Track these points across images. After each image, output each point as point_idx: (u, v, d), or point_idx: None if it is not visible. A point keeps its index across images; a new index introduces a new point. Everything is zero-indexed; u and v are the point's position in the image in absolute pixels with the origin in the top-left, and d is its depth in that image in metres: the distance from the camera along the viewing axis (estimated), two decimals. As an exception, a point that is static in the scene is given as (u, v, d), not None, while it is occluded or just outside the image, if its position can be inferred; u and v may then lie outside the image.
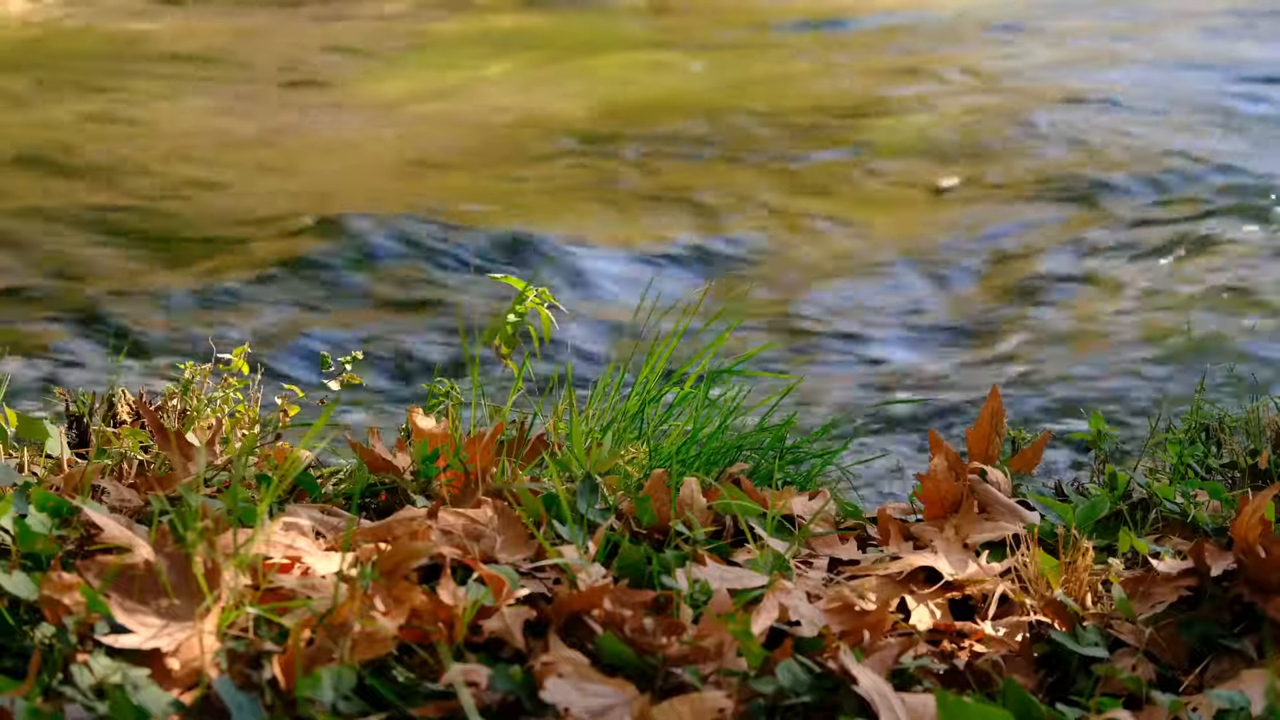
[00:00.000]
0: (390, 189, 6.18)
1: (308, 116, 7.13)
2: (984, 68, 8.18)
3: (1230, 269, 5.58)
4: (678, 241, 5.66)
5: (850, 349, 4.83)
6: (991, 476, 2.52)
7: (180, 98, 7.36)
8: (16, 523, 2.07)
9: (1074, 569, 2.18)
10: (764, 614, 2.06)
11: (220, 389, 2.69)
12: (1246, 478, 2.82)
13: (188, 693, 1.80)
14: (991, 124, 7.04)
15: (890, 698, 1.86)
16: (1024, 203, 6.15)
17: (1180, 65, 8.31)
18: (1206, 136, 7.05)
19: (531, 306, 2.77)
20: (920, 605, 2.21)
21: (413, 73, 7.72)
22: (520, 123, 6.93)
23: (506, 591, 2.01)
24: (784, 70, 8.10)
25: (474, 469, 2.44)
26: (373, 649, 1.83)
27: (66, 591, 1.84)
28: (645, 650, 1.93)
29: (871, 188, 6.34)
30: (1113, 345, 4.91)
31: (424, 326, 4.93)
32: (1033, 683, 2.06)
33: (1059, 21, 9.51)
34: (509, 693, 1.84)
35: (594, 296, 5.23)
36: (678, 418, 2.87)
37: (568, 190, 6.15)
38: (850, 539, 2.45)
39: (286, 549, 2.09)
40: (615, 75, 7.63)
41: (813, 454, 2.92)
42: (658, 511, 2.36)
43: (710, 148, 6.60)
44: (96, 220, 5.71)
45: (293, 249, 5.47)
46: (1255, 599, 2.11)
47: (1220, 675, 2.06)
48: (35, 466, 2.53)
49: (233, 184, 6.16)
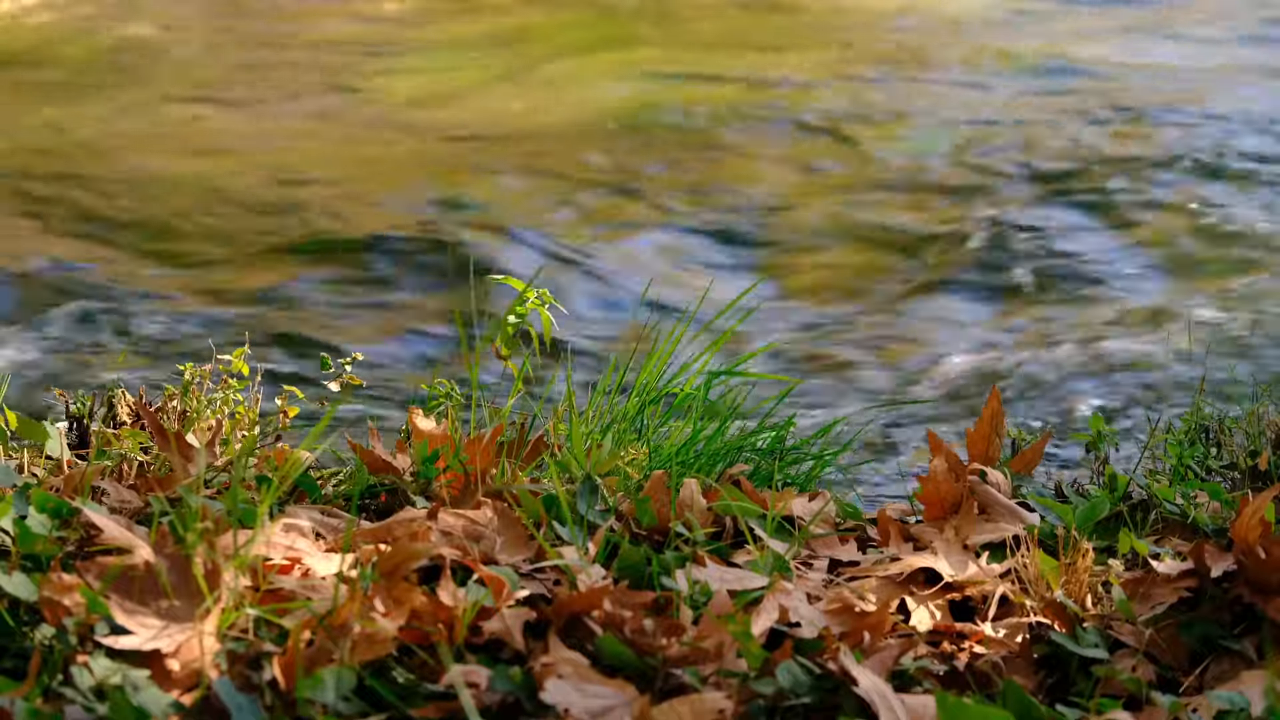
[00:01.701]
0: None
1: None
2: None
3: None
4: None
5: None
6: (991, 478, 2.52)
7: (180, 99, 7.36)
8: (16, 524, 2.07)
9: (1074, 570, 2.18)
10: (764, 615, 2.06)
11: (220, 390, 2.69)
12: (1246, 479, 2.82)
13: (188, 694, 1.80)
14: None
15: (890, 699, 1.86)
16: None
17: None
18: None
19: (532, 308, 2.77)
20: (920, 606, 2.21)
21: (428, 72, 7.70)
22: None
23: (506, 592, 2.01)
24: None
25: (474, 470, 2.44)
26: (373, 650, 1.84)
27: (66, 593, 1.84)
28: (645, 651, 1.93)
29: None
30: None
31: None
32: (1033, 684, 2.06)
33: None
34: (509, 694, 1.84)
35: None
36: (678, 419, 2.87)
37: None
38: (850, 540, 2.45)
39: (286, 550, 2.09)
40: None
41: (812, 455, 2.92)
42: (658, 513, 2.36)
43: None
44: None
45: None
46: (1255, 600, 2.11)
47: (1220, 676, 2.06)
48: (35, 468, 2.53)
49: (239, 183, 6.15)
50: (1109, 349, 4.81)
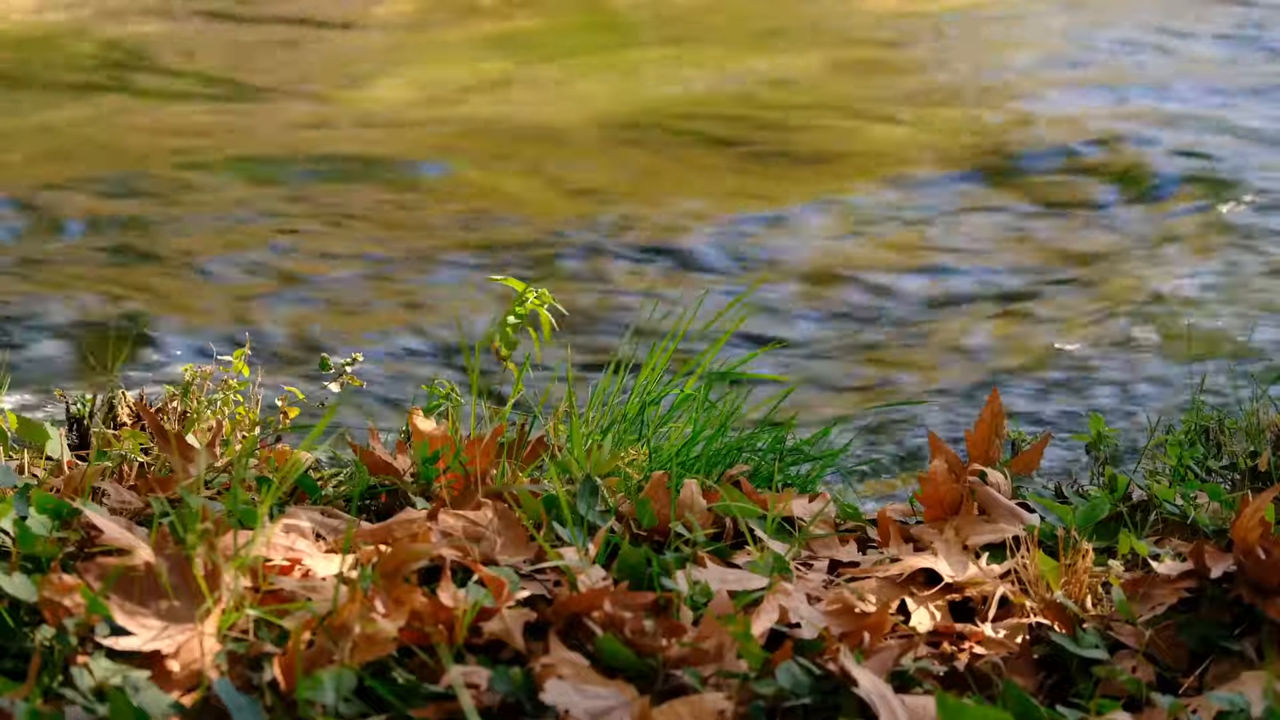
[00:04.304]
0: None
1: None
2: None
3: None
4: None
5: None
6: (991, 478, 2.52)
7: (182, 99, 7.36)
8: (17, 525, 2.07)
9: (1074, 571, 2.19)
10: (764, 616, 2.06)
11: (220, 390, 2.69)
12: (1246, 479, 2.82)
13: (188, 695, 1.80)
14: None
15: (890, 699, 1.86)
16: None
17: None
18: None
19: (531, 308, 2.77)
20: (920, 607, 2.22)
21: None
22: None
23: (506, 593, 2.01)
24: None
25: (474, 471, 2.44)
26: (373, 651, 1.84)
27: (67, 593, 1.84)
28: (645, 652, 1.93)
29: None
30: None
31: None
32: (1033, 684, 2.06)
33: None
34: (509, 694, 1.84)
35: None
36: (678, 419, 2.87)
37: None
38: (850, 541, 2.45)
39: (287, 551, 2.09)
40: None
41: (813, 456, 2.92)
42: (658, 513, 2.37)
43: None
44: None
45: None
46: (1255, 601, 2.11)
47: (1220, 677, 2.06)
48: (35, 468, 2.53)
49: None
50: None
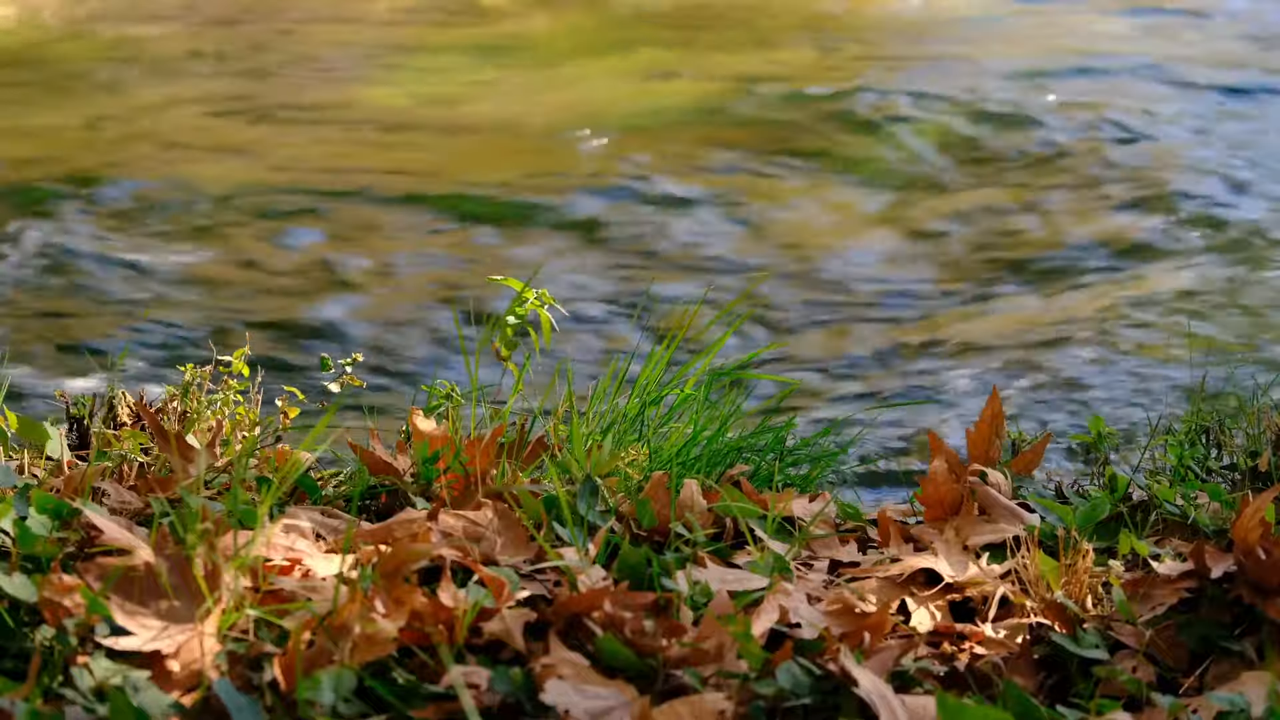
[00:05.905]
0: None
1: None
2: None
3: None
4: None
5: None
6: (992, 478, 2.52)
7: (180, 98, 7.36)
8: (17, 525, 2.07)
9: (1074, 571, 2.19)
10: (764, 616, 2.06)
11: (221, 390, 2.69)
12: (1247, 479, 2.82)
13: (188, 695, 1.80)
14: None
15: (890, 699, 1.86)
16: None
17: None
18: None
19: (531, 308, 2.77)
20: (920, 607, 2.22)
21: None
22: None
23: (507, 593, 2.01)
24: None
25: (474, 471, 2.44)
26: (373, 651, 1.84)
27: (67, 593, 1.84)
28: (645, 652, 1.93)
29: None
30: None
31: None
32: (1033, 684, 2.06)
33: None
34: (509, 694, 1.84)
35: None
36: (678, 419, 2.87)
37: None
38: (851, 541, 2.45)
39: (287, 551, 2.09)
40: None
41: (813, 456, 2.92)
42: (658, 513, 2.37)
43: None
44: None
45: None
46: (1255, 601, 2.11)
47: (1220, 677, 2.06)
48: (35, 468, 2.53)
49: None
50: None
